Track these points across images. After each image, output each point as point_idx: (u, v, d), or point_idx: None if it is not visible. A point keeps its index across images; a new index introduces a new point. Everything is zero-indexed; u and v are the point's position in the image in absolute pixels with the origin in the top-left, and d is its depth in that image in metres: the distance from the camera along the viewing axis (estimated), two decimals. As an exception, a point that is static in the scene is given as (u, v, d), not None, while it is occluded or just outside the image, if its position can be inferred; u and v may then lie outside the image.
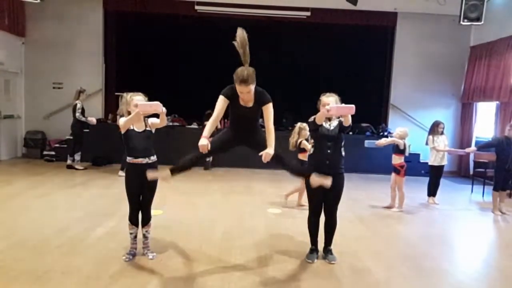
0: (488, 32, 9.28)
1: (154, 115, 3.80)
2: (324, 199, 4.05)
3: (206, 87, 10.33)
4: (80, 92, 8.50)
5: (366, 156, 9.16)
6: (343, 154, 4.03)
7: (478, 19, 7.87)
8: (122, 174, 6.53)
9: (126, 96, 3.91)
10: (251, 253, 4.23)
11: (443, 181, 7.37)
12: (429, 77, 10.38)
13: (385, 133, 9.79)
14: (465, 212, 6.67)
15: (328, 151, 3.93)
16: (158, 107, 3.55)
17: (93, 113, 8.97)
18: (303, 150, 5.65)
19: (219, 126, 6.31)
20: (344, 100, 4.01)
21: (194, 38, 10.59)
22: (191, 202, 6.28)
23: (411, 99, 10.40)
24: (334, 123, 4.01)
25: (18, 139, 9.96)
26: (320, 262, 4.09)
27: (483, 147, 7.05)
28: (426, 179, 7.26)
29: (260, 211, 5.94)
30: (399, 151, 6.26)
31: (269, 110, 3.52)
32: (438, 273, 4.01)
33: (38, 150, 9.75)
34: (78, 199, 6.16)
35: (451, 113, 10.45)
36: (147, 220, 3.96)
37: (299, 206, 6.16)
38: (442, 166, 6.98)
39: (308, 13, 10.06)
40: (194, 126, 9.90)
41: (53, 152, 9.51)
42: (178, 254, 4.12)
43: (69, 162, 8.51)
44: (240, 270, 3.82)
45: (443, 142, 6.93)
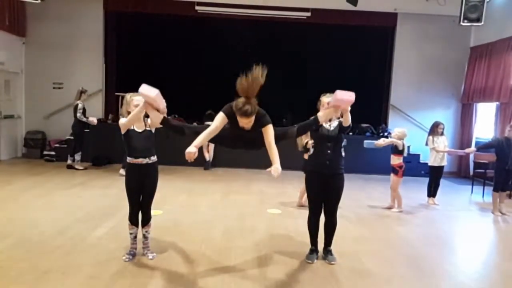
0: (488, 32, 9.28)
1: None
2: (324, 200, 4.05)
3: (206, 87, 10.46)
4: (81, 92, 8.49)
5: (366, 157, 9.16)
6: (343, 154, 4.03)
7: (478, 19, 7.86)
8: (123, 173, 6.52)
9: (126, 96, 3.91)
10: (251, 254, 4.24)
11: (443, 181, 7.38)
12: (429, 77, 10.38)
13: (385, 134, 9.79)
14: (465, 213, 6.67)
15: (328, 151, 3.93)
16: (161, 103, 3.47)
17: (93, 113, 8.97)
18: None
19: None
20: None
21: (194, 38, 10.61)
22: (191, 202, 6.29)
23: (411, 100, 10.41)
24: (334, 124, 4.01)
25: (18, 139, 9.97)
26: (320, 262, 4.09)
27: (483, 148, 7.07)
28: (426, 180, 7.26)
29: (260, 211, 5.95)
30: (397, 151, 6.26)
31: (269, 131, 3.38)
32: (438, 273, 4.02)
33: (38, 150, 9.75)
34: (78, 199, 6.16)
35: (451, 113, 10.45)
36: (147, 220, 3.96)
37: (299, 206, 6.16)
38: (442, 167, 6.98)
39: (308, 14, 10.06)
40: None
41: (53, 152, 9.51)
42: (178, 254, 4.12)
43: (69, 162, 8.51)
44: (240, 270, 3.83)
45: (443, 142, 6.93)
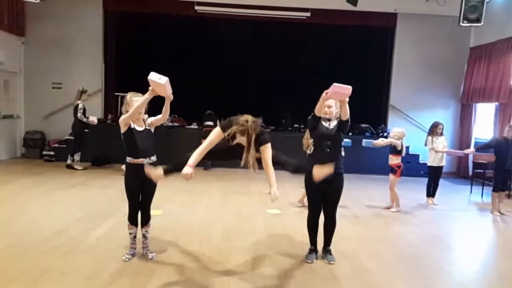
0: (488, 33, 9.28)
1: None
2: (323, 200, 4.06)
3: (206, 87, 10.46)
4: (82, 92, 8.48)
5: (365, 157, 9.17)
6: (343, 154, 4.04)
7: (478, 20, 7.88)
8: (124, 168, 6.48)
9: (126, 96, 3.91)
10: (250, 253, 4.24)
11: (442, 182, 7.39)
12: (428, 78, 10.38)
13: (385, 134, 9.79)
14: (464, 213, 6.68)
15: (328, 150, 3.93)
16: (168, 89, 3.44)
17: (92, 113, 8.96)
18: None
19: None
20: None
21: (194, 38, 10.61)
22: (190, 202, 6.29)
23: (410, 100, 10.41)
24: (334, 123, 4.01)
25: (18, 139, 9.96)
26: (319, 262, 4.10)
27: (482, 148, 7.07)
28: (425, 180, 7.27)
29: (259, 211, 5.95)
30: (396, 151, 6.27)
31: (267, 150, 3.37)
32: (437, 273, 4.02)
33: (37, 150, 9.73)
34: (77, 199, 6.16)
35: (450, 114, 10.46)
36: (146, 220, 3.97)
37: (299, 202, 6.19)
38: (441, 167, 6.98)
39: (308, 14, 10.06)
40: (194, 126, 9.89)
41: (52, 152, 9.49)
42: (177, 254, 4.13)
43: (69, 161, 8.51)
44: (240, 270, 3.83)
45: (442, 143, 6.93)
